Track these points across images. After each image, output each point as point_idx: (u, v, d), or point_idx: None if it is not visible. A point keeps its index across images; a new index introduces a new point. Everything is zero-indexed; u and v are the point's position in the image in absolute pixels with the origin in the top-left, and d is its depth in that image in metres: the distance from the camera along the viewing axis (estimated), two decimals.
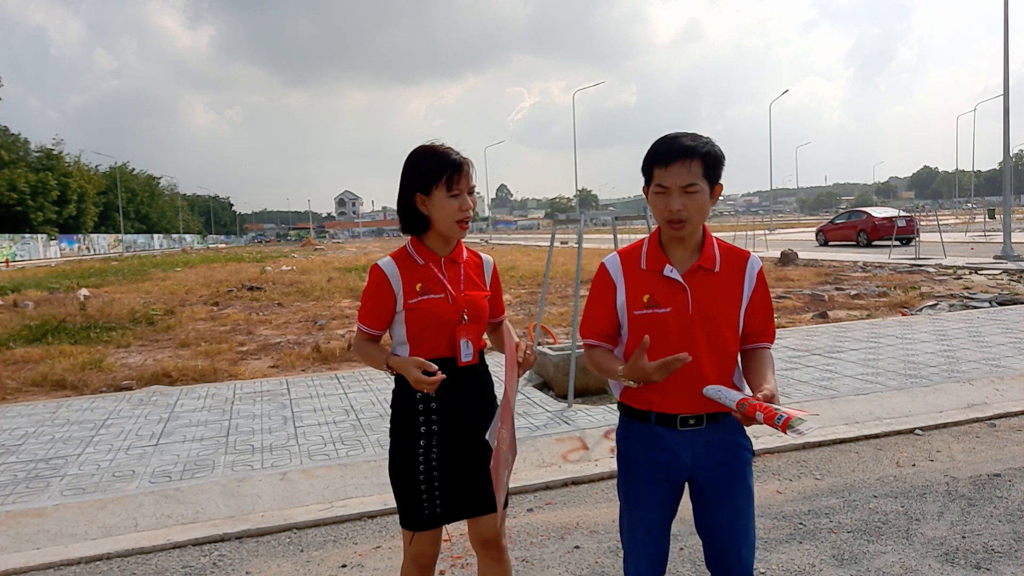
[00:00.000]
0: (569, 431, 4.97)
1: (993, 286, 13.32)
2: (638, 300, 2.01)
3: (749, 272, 2.03)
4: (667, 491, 2.07)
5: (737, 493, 2.04)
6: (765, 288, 2.06)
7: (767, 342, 2.08)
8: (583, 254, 6.28)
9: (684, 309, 1.98)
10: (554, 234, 7.31)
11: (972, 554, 3.28)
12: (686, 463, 2.04)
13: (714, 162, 1.95)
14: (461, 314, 2.22)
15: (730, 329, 2.01)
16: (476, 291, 2.30)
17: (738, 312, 2.02)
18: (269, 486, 4.21)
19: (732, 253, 2.06)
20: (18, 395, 7.02)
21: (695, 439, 2.02)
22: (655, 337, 1.95)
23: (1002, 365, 6.43)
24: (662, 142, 1.97)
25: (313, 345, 8.97)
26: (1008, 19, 20.07)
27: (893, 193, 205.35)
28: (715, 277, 2.01)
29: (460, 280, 2.27)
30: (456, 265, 2.28)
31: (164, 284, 20.25)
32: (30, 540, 3.68)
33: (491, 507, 2.24)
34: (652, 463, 2.05)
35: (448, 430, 2.23)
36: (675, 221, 1.95)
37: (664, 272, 2.00)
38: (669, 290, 1.99)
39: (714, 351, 1.99)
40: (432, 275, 2.23)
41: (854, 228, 28.64)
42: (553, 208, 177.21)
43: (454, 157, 2.18)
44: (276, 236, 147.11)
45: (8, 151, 57.60)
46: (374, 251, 45.63)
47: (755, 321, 2.05)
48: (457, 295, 2.23)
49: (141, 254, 63.45)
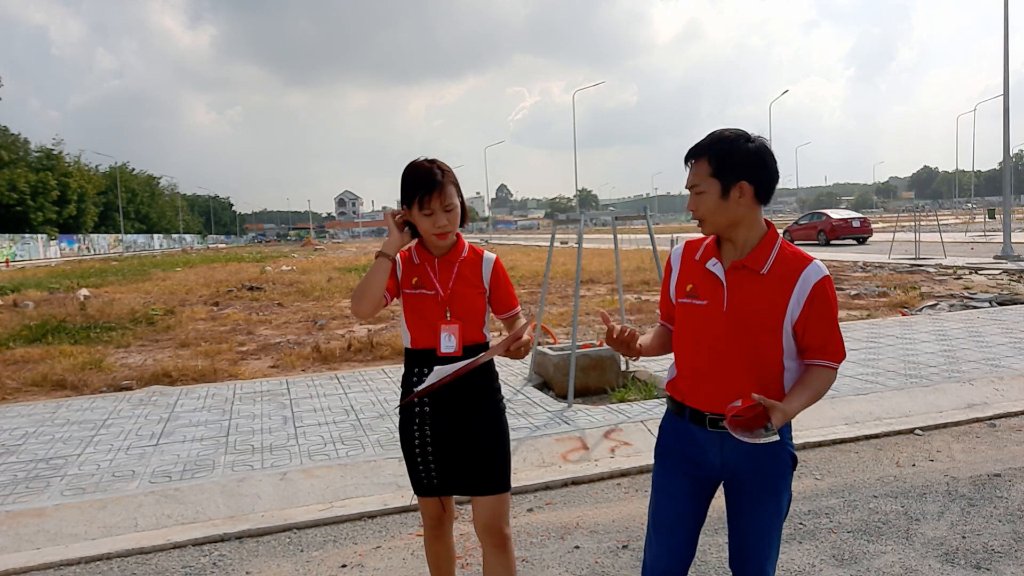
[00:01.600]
0: (569, 431, 4.97)
1: (993, 286, 13.32)
2: (683, 288, 2.05)
3: (803, 280, 1.90)
4: (695, 487, 2.06)
5: (766, 504, 1.99)
6: (826, 301, 1.91)
7: (825, 360, 1.94)
8: (583, 254, 6.29)
9: (719, 305, 1.95)
10: (554, 234, 7.31)
11: (972, 554, 3.28)
12: (715, 464, 2.01)
13: (725, 159, 1.89)
14: (445, 310, 2.42)
15: (768, 334, 1.91)
16: (467, 289, 2.45)
17: (781, 319, 1.91)
18: (269, 486, 4.21)
19: (793, 258, 1.94)
20: (18, 395, 7.02)
21: (725, 442, 1.97)
22: (690, 328, 2.01)
23: (1002, 365, 6.43)
24: None
25: (313, 345, 8.97)
26: (1008, 19, 20.07)
27: (893, 193, 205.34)
28: (761, 278, 1.92)
29: (451, 278, 2.44)
30: (450, 264, 2.45)
31: (164, 284, 20.25)
32: (30, 540, 3.68)
33: (485, 489, 2.45)
34: (681, 456, 2.06)
35: (439, 413, 2.44)
36: (696, 220, 1.98)
37: (707, 265, 2.00)
38: (709, 284, 1.98)
39: (748, 353, 1.92)
40: (425, 273, 2.45)
41: (815, 228, 31.02)
42: (553, 208, 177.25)
43: (428, 179, 2.32)
44: (276, 236, 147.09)
45: (8, 151, 57.58)
46: (374, 251, 45.64)
47: (810, 335, 1.92)
48: (444, 293, 2.43)
49: (141, 254, 63.46)
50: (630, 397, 5.79)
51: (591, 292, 14.69)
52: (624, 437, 4.89)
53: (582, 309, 11.60)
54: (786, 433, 2.00)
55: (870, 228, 29.80)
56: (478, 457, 2.45)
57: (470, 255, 2.50)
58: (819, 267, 1.92)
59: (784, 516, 2.05)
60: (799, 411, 1.87)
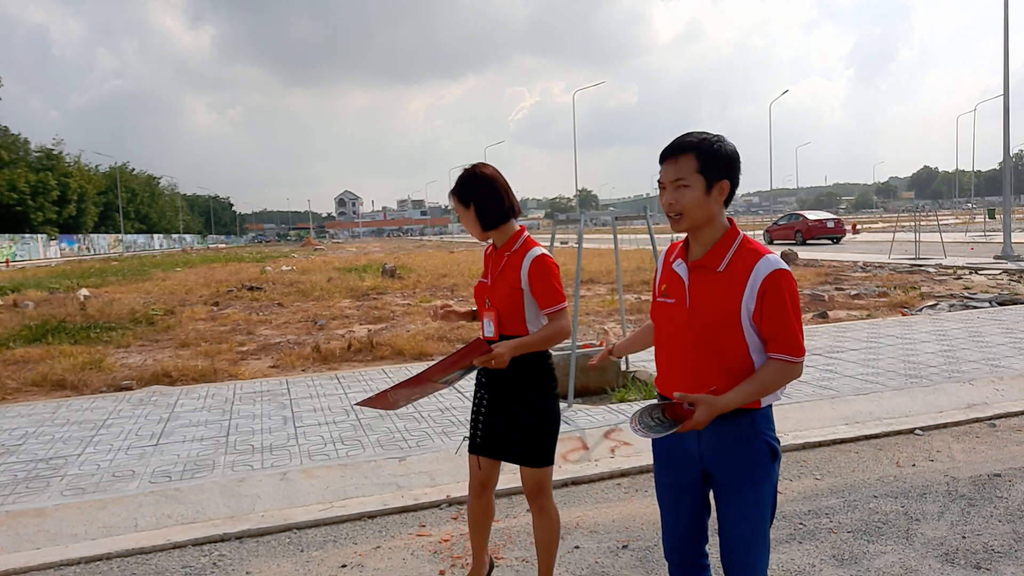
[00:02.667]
0: (569, 431, 4.97)
1: (993, 286, 13.32)
2: (659, 288, 2.15)
3: (754, 275, 1.94)
4: (684, 475, 2.11)
5: (743, 492, 2.01)
6: (778, 294, 1.93)
7: (779, 352, 1.95)
8: (583, 254, 6.29)
9: (683, 303, 2.03)
10: (554, 234, 7.31)
11: (972, 554, 3.28)
12: (694, 455, 2.07)
13: (710, 156, 1.95)
14: (485, 300, 2.73)
15: (727, 330, 1.96)
16: (505, 283, 2.67)
17: (738, 314, 1.95)
18: (269, 486, 4.21)
19: (748, 254, 1.98)
20: (18, 395, 7.02)
21: (700, 433, 2.03)
22: (663, 326, 2.11)
23: (1002, 365, 6.43)
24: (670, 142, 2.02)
25: (313, 345, 8.97)
26: (1008, 19, 20.08)
27: (893, 193, 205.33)
28: (718, 276, 1.98)
29: (498, 270, 2.70)
30: (501, 257, 2.71)
31: (164, 284, 20.25)
32: (30, 540, 3.68)
33: (522, 460, 2.73)
34: (668, 448, 2.15)
35: (492, 387, 2.77)
36: (672, 215, 2.00)
37: (673, 265, 2.09)
38: (676, 283, 2.07)
39: (712, 349, 1.97)
40: (486, 262, 2.81)
41: (792, 228, 32.76)
42: (553, 208, 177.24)
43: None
44: (276, 236, 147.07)
45: (8, 151, 57.60)
46: (374, 251, 45.65)
47: (763, 328, 1.96)
48: (489, 283, 2.73)
49: (141, 254, 63.45)
50: (630, 397, 5.79)
51: (591, 292, 14.68)
52: (624, 437, 4.89)
53: (582, 309, 11.60)
54: (761, 423, 2.02)
55: (843, 229, 32.16)
56: (520, 431, 2.69)
57: (519, 250, 2.67)
58: (771, 261, 1.96)
59: (769, 509, 2.04)
60: (737, 403, 1.92)
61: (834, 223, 31.40)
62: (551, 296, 2.64)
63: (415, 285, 17.67)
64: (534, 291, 2.64)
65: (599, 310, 11.74)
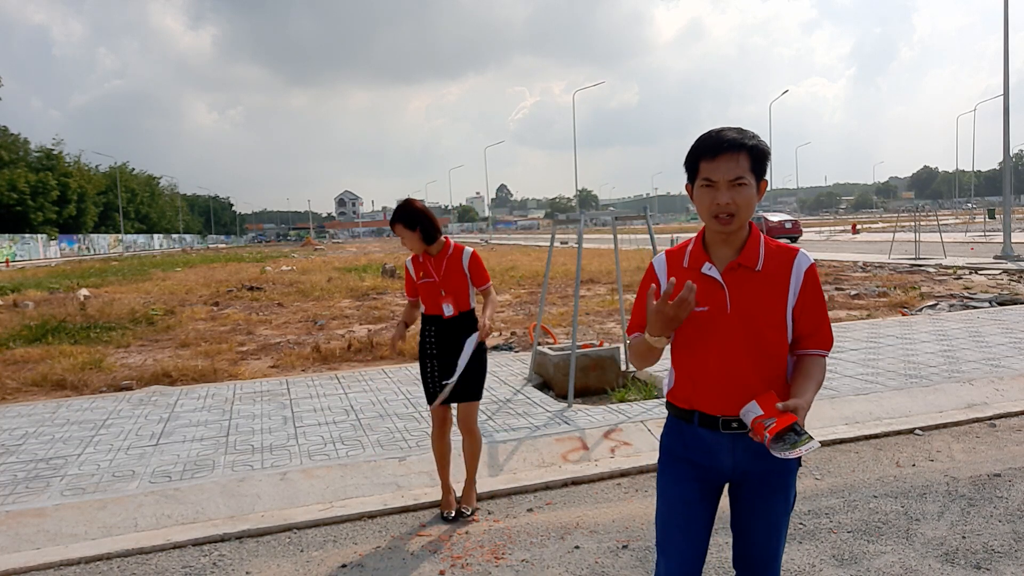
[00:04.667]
0: (569, 431, 4.97)
1: (993, 286, 13.32)
2: None
3: (796, 270, 1.92)
4: (704, 491, 2.03)
5: (775, 503, 1.99)
6: (816, 288, 1.94)
7: (819, 348, 1.96)
8: (583, 254, 6.29)
9: (722, 308, 1.92)
10: (554, 234, 7.31)
11: (972, 554, 3.28)
12: (726, 466, 1.99)
13: (760, 156, 1.89)
14: (440, 290, 3.78)
15: (774, 330, 1.92)
16: (454, 274, 3.79)
17: (784, 312, 1.92)
18: (269, 486, 4.21)
19: (780, 251, 1.96)
20: (18, 395, 7.02)
21: (736, 443, 1.96)
22: (692, 336, 1.94)
23: (1002, 365, 6.43)
24: (708, 136, 1.91)
25: (313, 345, 8.97)
26: (1008, 19, 20.07)
27: (893, 193, 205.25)
28: (757, 275, 1.92)
29: (442, 269, 3.79)
30: (441, 260, 3.81)
31: (164, 284, 20.25)
32: (30, 540, 3.68)
33: (467, 398, 3.82)
34: (689, 462, 2.03)
35: (442, 353, 3.81)
36: (723, 216, 1.88)
37: (703, 270, 1.95)
38: (707, 289, 1.93)
39: (756, 353, 1.92)
40: (427, 268, 3.82)
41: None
42: (553, 208, 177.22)
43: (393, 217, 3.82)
44: (276, 236, 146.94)
45: (8, 151, 57.56)
46: (374, 251, 45.63)
47: (803, 323, 1.94)
48: (439, 279, 3.78)
49: (141, 254, 63.46)
50: (630, 397, 5.79)
51: (591, 292, 14.68)
52: (624, 437, 4.89)
53: (582, 309, 11.60)
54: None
55: (800, 229, 35.96)
56: (465, 378, 3.75)
57: (454, 252, 3.82)
58: (806, 255, 1.97)
59: (790, 512, 2.05)
60: (811, 404, 1.89)
61: (791, 224, 34.66)
62: (485, 276, 3.86)
63: None
64: (475, 275, 3.82)
65: (599, 310, 11.74)
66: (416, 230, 3.74)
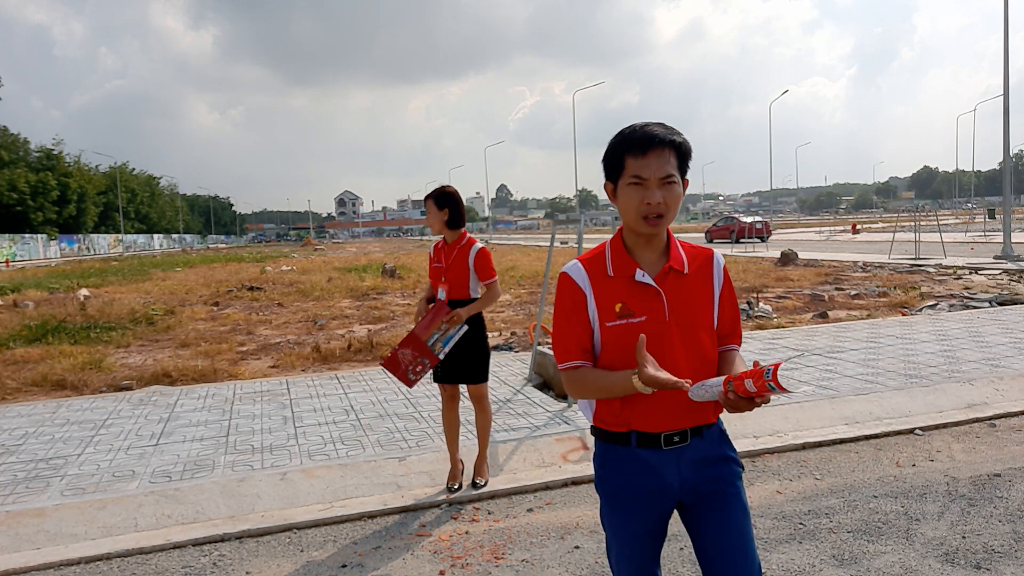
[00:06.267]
0: (569, 431, 4.97)
1: (993, 286, 13.32)
2: (609, 310, 1.82)
3: (716, 270, 1.90)
4: (655, 520, 1.90)
5: (733, 510, 1.86)
6: (731, 285, 1.93)
7: (736, 343, 1.94)
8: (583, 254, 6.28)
9: (660, 316, 1.81)
10: (554, 234, 7.31)
11: (972, 554, 3.28)
12: (673, 487, 1.86)
13: (685, 154, 1.81)
14: (442, 276, 4.08)
15: (707, 333, 1.87)
16: (458, 266, 4.04)
17: (712, 314, 1.88)
18: (269, 486, 4.21)
19: (696, 252, 1.91)
20: (18, 395, 7.02)
21: (681, 458, 1.85)
22: (630, 348, 1.75)
23: (1002, 365, 6.43)
24: (634, 130, 1.79)
25: (313, 345, 8.97)
26: (1008, 19, 20.08)
27: (893, 193, 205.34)
28: (686, 279, 1.86)
29: (451, 259, 4.06)
30: (452, 250, 4.08)
31: (164, 284, 20.25)
32: (30, 540, 3.68)
33: (472, 380, 4.13)
34: (636, 491, 1.87)
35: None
36: (652, 216, 1.78)
37: (636, 277, 1.82)
38: (642, 297, 1.82)
39: (693, 358, 1.83)
40: (440, 255, 4.14)
41: (728, 229, 38.59)
42: (553, 208, 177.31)
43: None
44: (276, 236, 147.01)
45: (8, 151, 57.56)
46: (374, 251, 45.65)
47: (724, 321, 1.91)
48: (443, 267, 4.08)
49: (141, 254, 63.46)
50: None
51: None
52: None
53: None
54: (725, 432, 1.94)
55: (770, 230, 39.15)
56: (471, 362, 4.09)
57: (466, 245, 4.06)
58: (718, 252, 1.95)
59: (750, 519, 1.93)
60: None
61: (762, 225, 37.23)
62: (488, 272, 4.05)
63: (415, 285, 17.68)
64: (477, 270, 4.02)
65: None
66: (444, 210, 4.02)
